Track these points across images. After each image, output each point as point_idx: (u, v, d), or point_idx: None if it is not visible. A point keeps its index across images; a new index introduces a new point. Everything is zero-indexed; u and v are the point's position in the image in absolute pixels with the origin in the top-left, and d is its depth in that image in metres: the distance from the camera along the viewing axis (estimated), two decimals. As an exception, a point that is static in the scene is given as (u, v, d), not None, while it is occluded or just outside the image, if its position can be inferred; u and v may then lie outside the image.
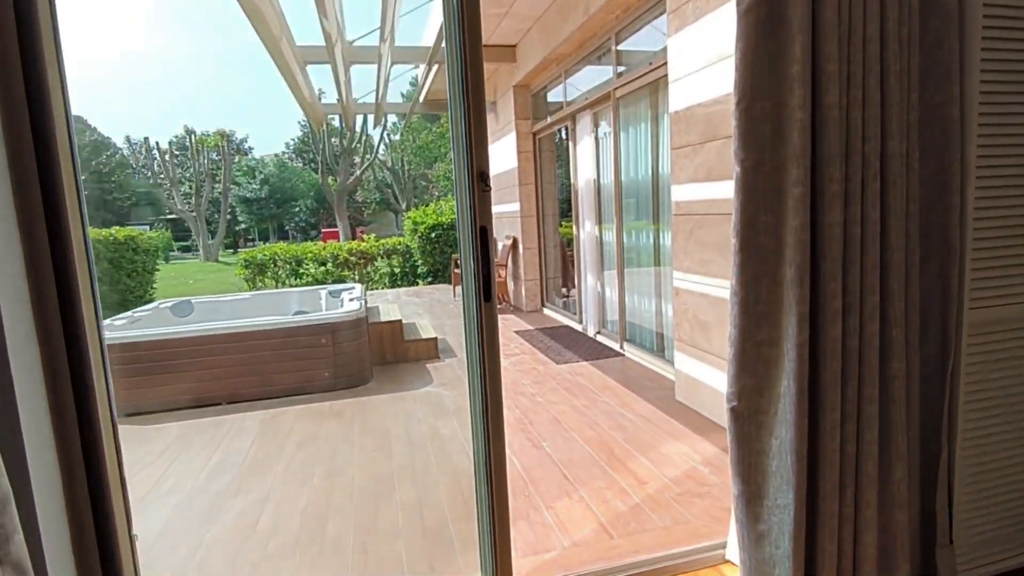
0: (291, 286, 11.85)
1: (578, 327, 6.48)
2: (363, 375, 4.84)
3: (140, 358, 4.35)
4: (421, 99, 9.71)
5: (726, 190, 2.98)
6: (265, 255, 11.65)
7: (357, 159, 26.07)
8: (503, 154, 8.17)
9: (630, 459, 3.04)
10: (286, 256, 11.68)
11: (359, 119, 21.45)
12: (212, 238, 27.75)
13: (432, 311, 8.21)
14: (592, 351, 5.46)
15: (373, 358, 5.41)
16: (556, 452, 3.18)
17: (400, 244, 12.13)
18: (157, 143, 29.88)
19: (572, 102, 6.02)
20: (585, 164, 5.84)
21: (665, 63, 3.92)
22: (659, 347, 4.77)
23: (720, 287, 3.38)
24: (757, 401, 1.58)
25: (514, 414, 3.84)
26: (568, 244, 7.09)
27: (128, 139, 33.90)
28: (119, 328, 4.69)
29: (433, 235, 11.12)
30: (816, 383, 1.53)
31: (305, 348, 4.61)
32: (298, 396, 4.62)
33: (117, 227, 11.54)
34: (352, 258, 11.85)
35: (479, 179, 1.61)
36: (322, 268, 11.80)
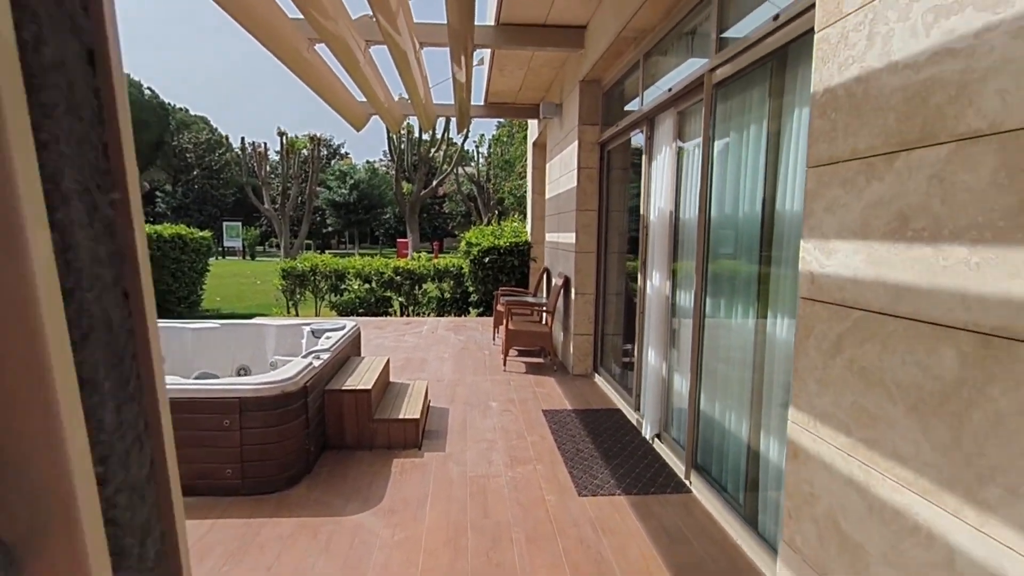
0: (331, 303, 10.73)
1: (632, 416, 4.57)
2: (285, 475, 3.27)
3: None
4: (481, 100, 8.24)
5: (955, 276, 1.16)
6: (305, 266, 10.58)
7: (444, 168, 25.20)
8: (563, 169, 6.43)
9: None
10: (327, 269, 10.55)
11: (440, 124, 20.52)
12: (295, 238, 28.02)
13: (459, 360, 6.58)
14: (641, 473, 3.56)
15: (328, 439, 3.84)
16: None
17: (453, 266, 10.65)
18: (265, 143, 30.82)
19: (649, 100, 4.20)
20: (661, 189, 3.99)
21: (807, 9, 2.10)
22: (751, 507, 2.81)
23: (901, 488, 1.46)
24: None
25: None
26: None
27: (243, 139, 35.53)
28: None
29: (487, 260, 9.52)
30: None
31: (202, 430, 3.11)
32: (189, 497, 3.13)
33: (167, 224, 11.02)
34: (398, 278, 10.51)
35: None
36: (365, 286, 10.57)
